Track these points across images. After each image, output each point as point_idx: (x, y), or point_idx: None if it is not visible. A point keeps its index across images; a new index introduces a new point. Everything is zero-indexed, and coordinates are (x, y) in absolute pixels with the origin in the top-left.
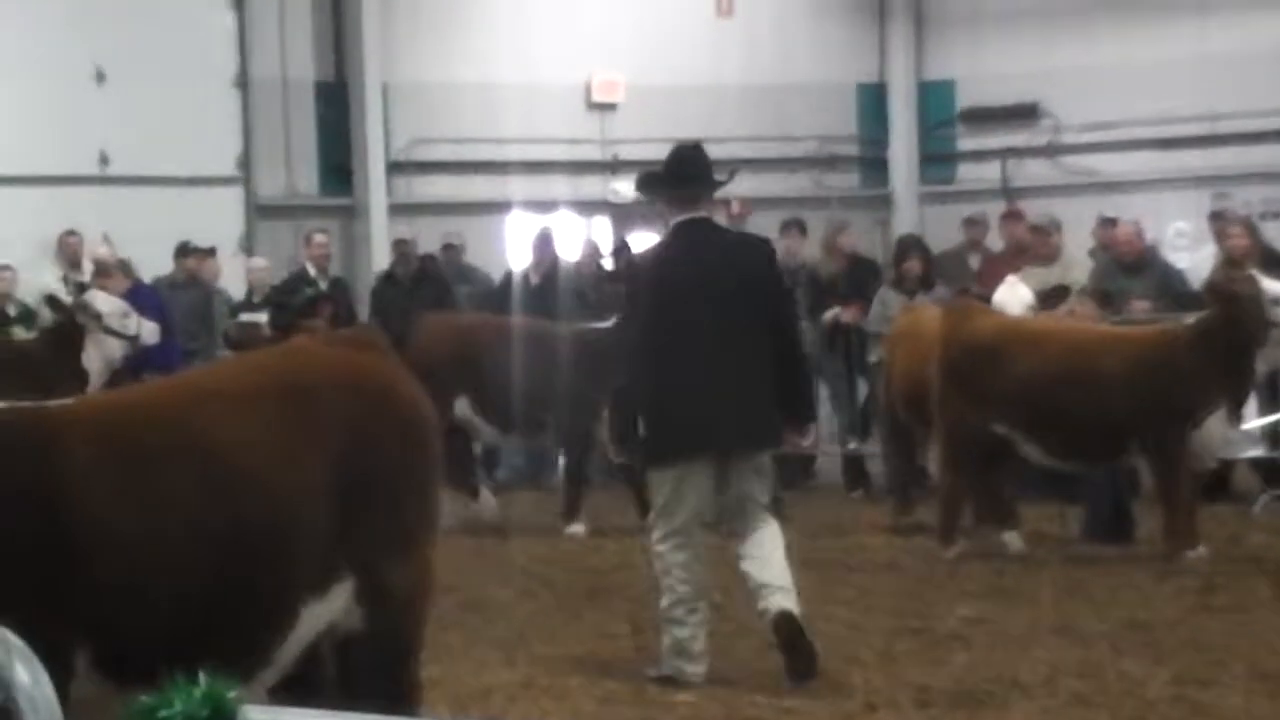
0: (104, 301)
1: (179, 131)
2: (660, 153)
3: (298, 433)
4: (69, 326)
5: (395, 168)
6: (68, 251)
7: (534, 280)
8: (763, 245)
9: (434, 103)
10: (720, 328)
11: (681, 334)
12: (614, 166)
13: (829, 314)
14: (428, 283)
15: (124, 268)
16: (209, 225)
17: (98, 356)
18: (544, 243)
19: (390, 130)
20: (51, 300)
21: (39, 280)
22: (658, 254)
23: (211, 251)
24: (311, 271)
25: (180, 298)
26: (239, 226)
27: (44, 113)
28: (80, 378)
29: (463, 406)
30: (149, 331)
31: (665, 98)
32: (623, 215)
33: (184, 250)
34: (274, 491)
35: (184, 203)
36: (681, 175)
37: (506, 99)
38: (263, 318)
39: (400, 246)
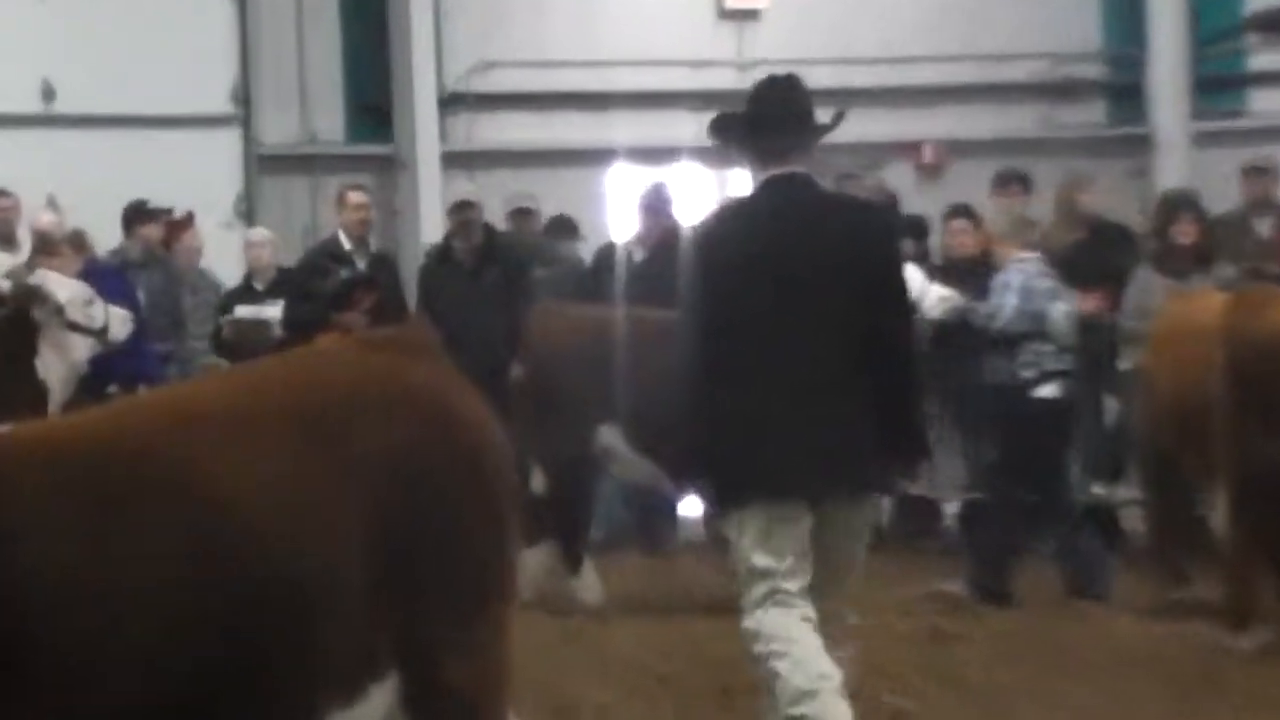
0: (60, 285)
1: (150, 55)
2: (823, 80)
3: (319, 471)
4: (15, 323)
5: (451, 103)
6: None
7: (639, 257)
8: (880, 217)
9: (504, 11)
10: (808, 330)
11: (753, 339)
12: None
13: (1060, 305)
14: (496, 262)
15: (75, 241)
16: (192, 182)
17: (58, 361)
18: (657, 205)
19: (444, 51)
20: None
21: None
22: (725, 224)
23: (186, 220)
24: (345, 244)
25: (138, 283)
26: (234, 184)
27: None
28: (36, 394)
29: (609, 435)
30: (119, 322)
31: (826, 3)
32: None
33: (140, 213)
34: (286, 552)
35: (157, 151)
36: (765, 118)
37: (606, 6)
38: (269, 312)
39: (462, 212)
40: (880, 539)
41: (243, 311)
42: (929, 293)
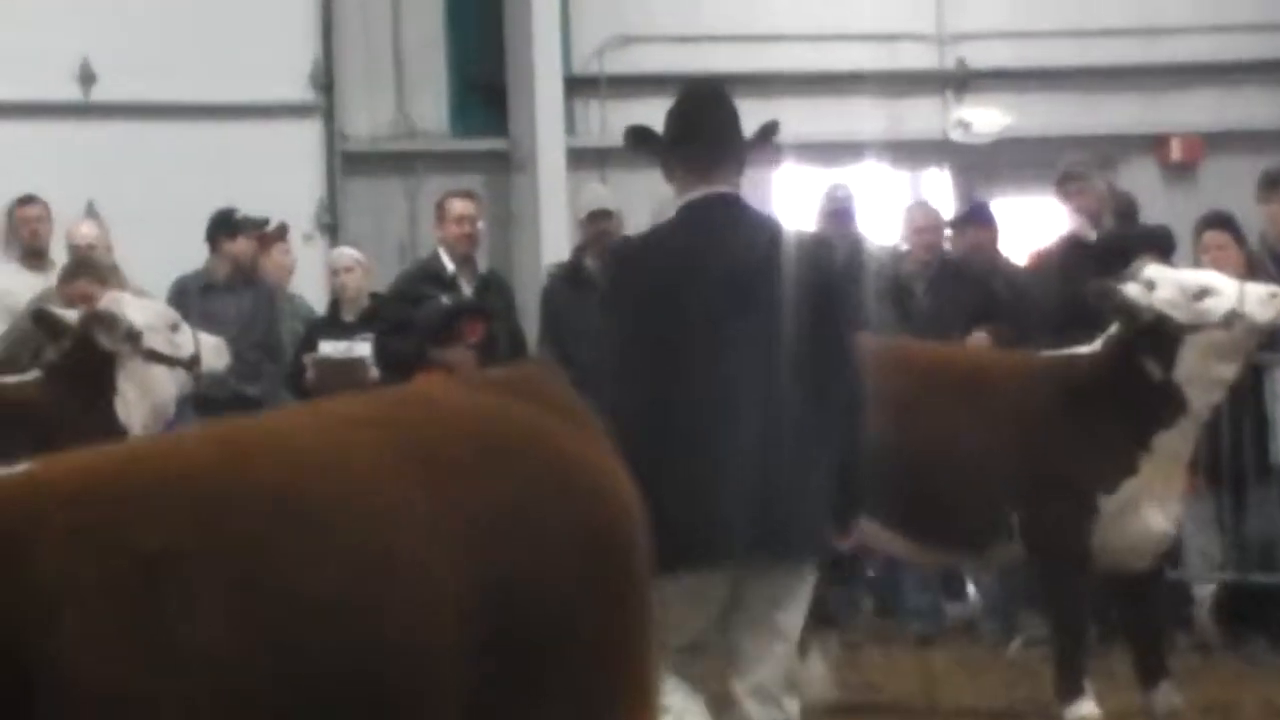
0: (137, 308)
1: (209, 29)
2: (1045, 58)
3: (408, 538)
4: (82, 357)
5: (579, 87)
6: (23, 232)
7: None
8: (818, 243)
9: None
10: (732, 374)
11: (671, 383)
12: (960, 81)
13: None
14: None
15: (105, 269)
16: (262, 186)
17: (140, 400)
18: (839, 210)
19: (571, 24)
20: (43, 316)
21: None
22: (641, 255)
23: (279, 231)
24: (448, 264)
25: (221, 308)
26: (314, 188)
27: None
28: (115, 441)
29: None
30: (212, 350)
31: None
32: (973, 163)
33: (226, 225)
34: (364, 638)
35: (219, 149)
36: (689, 129)
37: None
38: (360, 349)
39: (596, 222)
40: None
41: (328, 349)
42: (1248, 293)
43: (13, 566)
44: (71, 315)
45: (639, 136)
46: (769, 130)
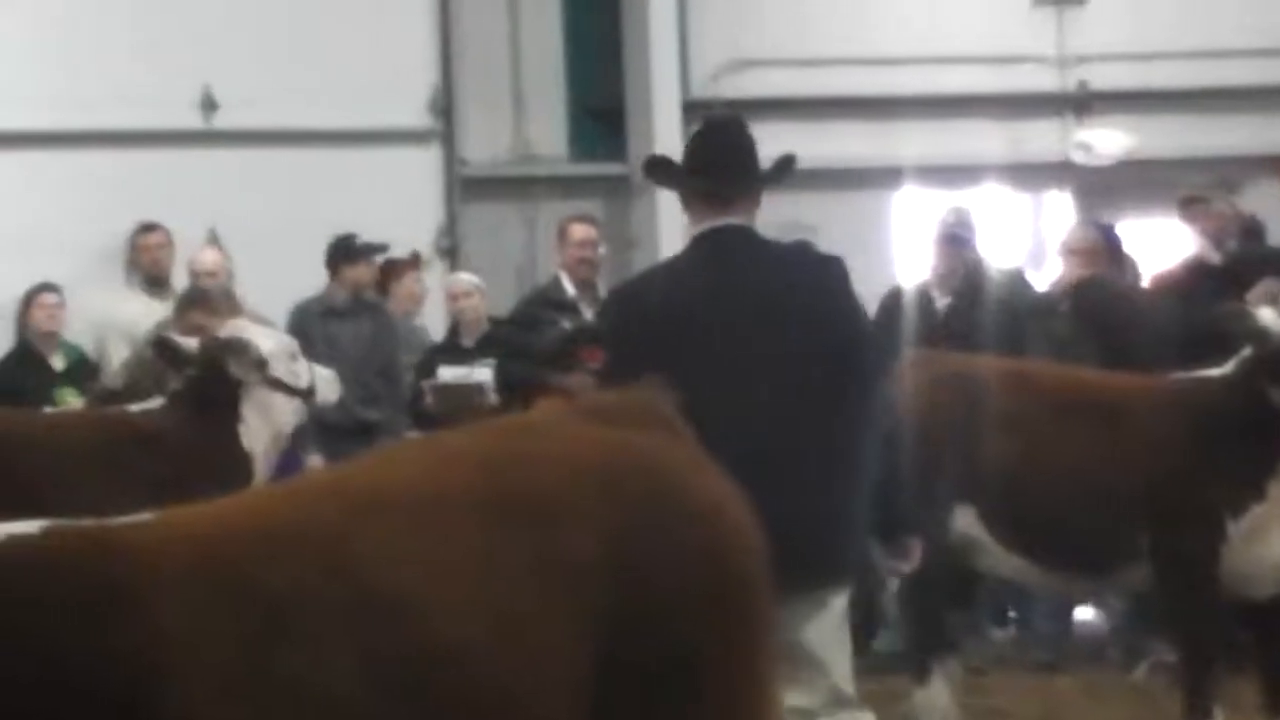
0: (262, 336)
1: (329, 57)
2: (1165, 79)
3: (521, 574)
4: (212, 385)
5: (697, 110)
6: (144, 259)
7: (940, 300)
8: (829, 266)
9: (762, 0)
10: (753, 403)
11: (693, 407)
12: (1081, 103)
13: None
14: None
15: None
16: (381, 211)
17: (263, 427)
18: (956, 236)
19: (689, 48)
20: (163, 345)
21: (108, 308)
22: (652, 289)
23: (412, 261)
24: (568, 289)
25: (341, 334)
26: (433, 213)
27: (108, 30)
28: (240, 467)
29: (966, 518)
30: (325, 383)
31: None
32: (1094, 186)
33: (347, 250)
34: (484, 686)
35: (338, 174)
36: (705, 161)
37: None
38: (480, 374)
39: None
40: None
41: (447, 374)
42: None
43: (133, 613)
44: (191, 344)
45: (656, 167)
46: (786, 163)
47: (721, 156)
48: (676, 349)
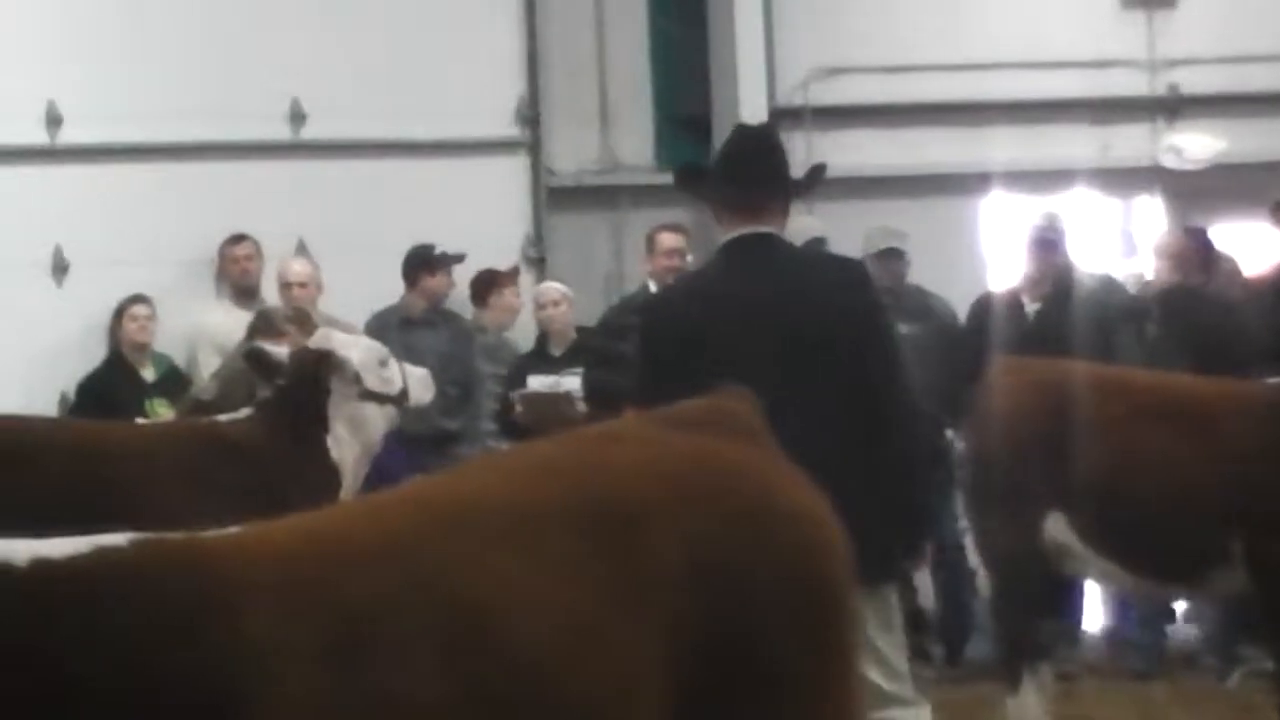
0: (351, 346)
1: (416, 67)
2: (1248, 83)
3: (608, 583)
4: (301, 396)
5: (785, 118)
6: (233, 270)
7: (1030, 306)
8: (853, 271)
9: (850, 6)
10: (785, 406)
11: None
12: (1172, 106)
13: None
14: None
15: (300, 319)
16: (469, 221)
17: (352, 439)
18: (1047, 241)
19: (776, 55)
20: (256, 355)
21: (198, 319)
22: (684, 295)
23: (512, 273)
24: None
25: (419, 343)
26: (521, 223)
27: (196, 43)
28: (326, 479)
29: (1057, 524)
30: (419, 383)
31: None
32: (1185, 190)
33: (424, 260)
34: (565, 688)
35: (426, 185)
36: (736, 170)
37: None
38: (569, 383)
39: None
40: None
41: (536, 383)
42: None
43: (220, 626)
44: (283, 353)
45: (688, 175)
46: (817, 173)
47: (754, 165)
48: (706, 356)
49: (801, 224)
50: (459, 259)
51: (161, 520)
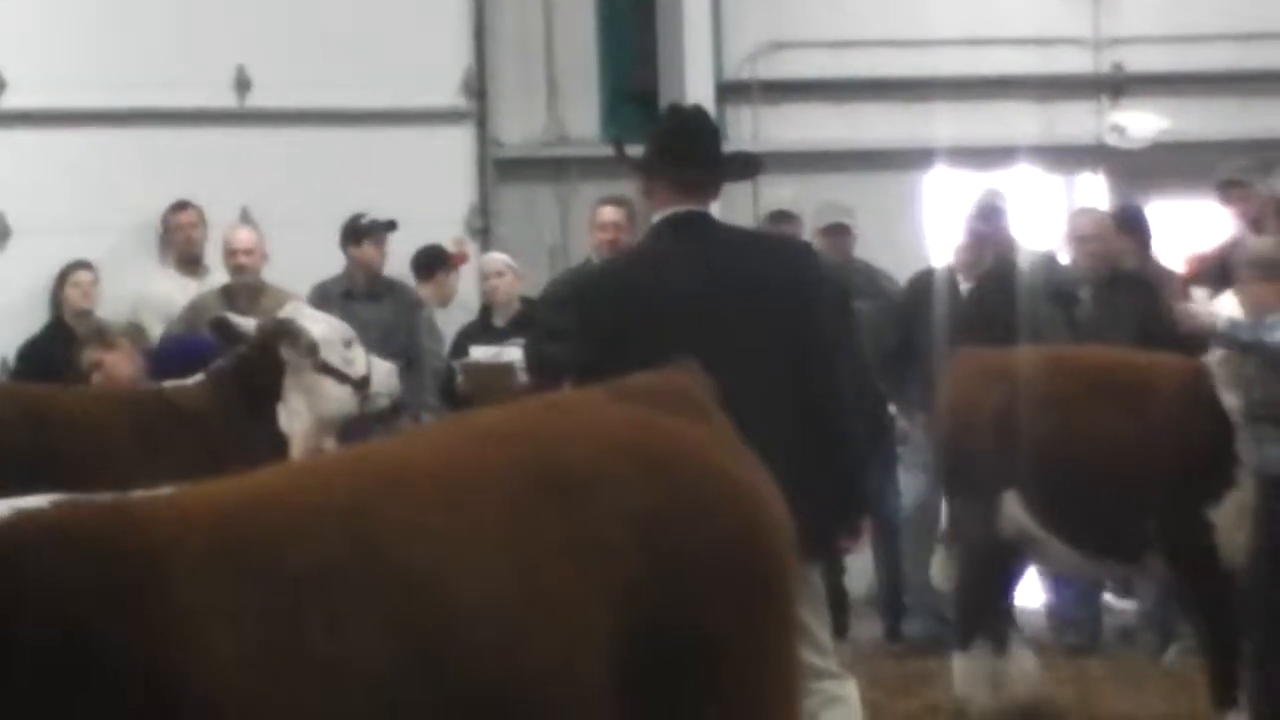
0: (314, 321)
1: (363, 38)
2: (1192, 62)
3: (553, 549)
4: (257, 362)
5: (732, 93)
6: (177, 238)
7: (965, 284)
8: (798, 252)
9: None
10: (737, 378)
11: None
12: (1116, 86)
13: None
14: None
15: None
16: (415, 192)
17: (305, 410)
18: (987, 218)
19: (723, 29)
20: (222, 325)
21: (141, 286)
22: (625, 265)
23: (461, 256)
24: None
25: (361, 315)
26: (467, 194)
27: (137, 7)
28: (272, 444)
29: (1011, 504)
30: (384, 374)
31: None
32: (1129, 168)
33: (353, 232)
34: (511, 648)
35: (372, 154)
36: (671, 149)
37: None
38: (511, 353)
39: (779, 224)
40: None
41: (479, 353)
42: None
43: (152, 588)
44: (250, 324)
45: (622, 153)
46: (750, 166)
47: (696, 144)
48: (643, 333)
49: (774, 197)
50: (390, 226)
51: (108, 486)
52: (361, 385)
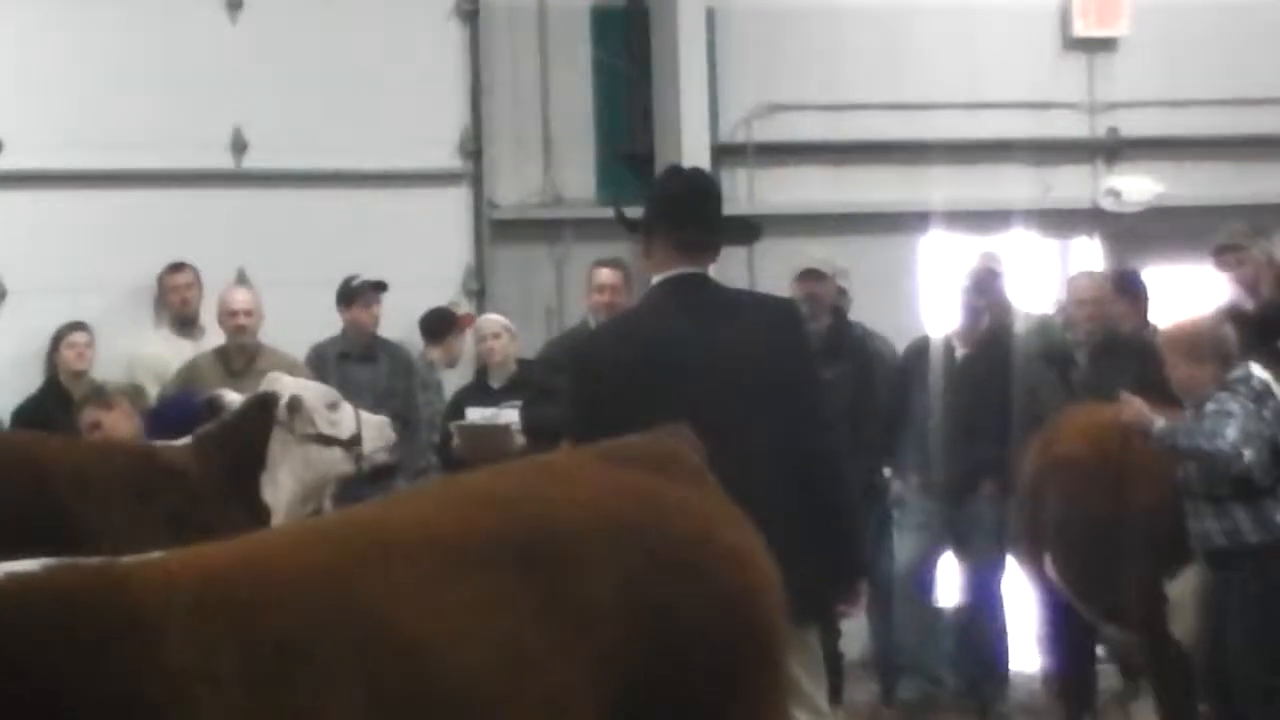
0: (300, 388)
1: (360, 101)
2: (1187, 126)
3: (540, 618)
4: (247, 430)
5: (727, 155)
6: (173, 299)
7: (961, 351)
8: (785, 312)
9: (792, 44)
10: (717, 447)
11: None
12: (1111, 150)
13: None
14: (845, 354)
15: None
16: (410, 252)
17: (290, 480)
18: (982, 290)
19: (718, 92)
20: (213, 403)
21: (136, 347)
22: (622, 327)
23: (466, 319)
24: None
25: (357, 376)
26: (462, 255)
27: (133, 69)
28: (254, 517)
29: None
30: (374, 430)
31: (1206, 29)
32: (1124, 232)
33: (345, 293)
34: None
35: (367, 216)
36: (670, 211)
37: (918, 36)
38: (508, 415)
39: (808, 282)
40: None
41: (474, 415)
42: None
43: (140, 650)
44: (236, 398)
45: (621, 215)
46: (749, 234)
47: (697, 206)
48: (639, 396)
49: (806, 255)
50: (379, 287)
51: (95, 537)
52: (351, 444)
